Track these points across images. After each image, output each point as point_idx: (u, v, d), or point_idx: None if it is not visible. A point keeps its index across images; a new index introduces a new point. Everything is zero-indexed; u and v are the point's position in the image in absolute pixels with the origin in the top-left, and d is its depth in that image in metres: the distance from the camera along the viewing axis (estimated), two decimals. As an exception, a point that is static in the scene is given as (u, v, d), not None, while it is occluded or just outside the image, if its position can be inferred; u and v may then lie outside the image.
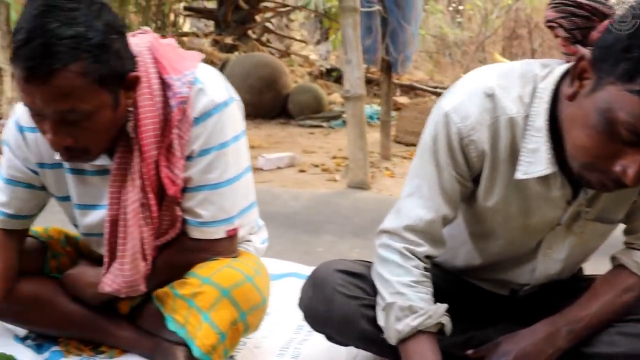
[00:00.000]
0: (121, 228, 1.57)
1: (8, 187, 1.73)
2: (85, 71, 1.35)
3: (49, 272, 1.86)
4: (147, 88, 1.52)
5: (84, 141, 1.45)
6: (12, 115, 1.73)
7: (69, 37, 1.32)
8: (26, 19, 1.33)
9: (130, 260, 1.57)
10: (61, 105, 1.37)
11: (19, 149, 1.68)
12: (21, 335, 1.92)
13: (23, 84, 1.36)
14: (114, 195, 1.58)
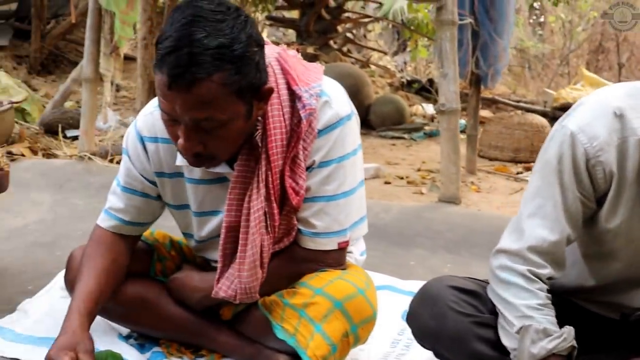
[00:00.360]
0: (242, 235, 1.59)
1: (124, 195, 1.78)
2: (226, 82, 1.38)
3: (155, 275, 1.91)
4: (277, 99, 1.55)
5: (213, 148, 1.49)
6: (132, 124, 1.78)
7: (214, 47, 1.35)
8: (174, 27, 1.37)
9: (249, 267, 1.58)
10: (199, 113, 1.40)
11: (137, 159, 1.73)
12: (124, 334, 1.99)
13: (165, 90, 1.39)
14: (233, 202, 1.60)
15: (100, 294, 1.67)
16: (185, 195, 1.75)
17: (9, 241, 2.82)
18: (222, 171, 1.63)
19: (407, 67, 11.85)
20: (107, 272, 1.71)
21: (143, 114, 1.73)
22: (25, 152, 4.23)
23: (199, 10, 1.38)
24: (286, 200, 1.59)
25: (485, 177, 4.67)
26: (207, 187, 1.70)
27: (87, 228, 3.05)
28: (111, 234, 1.78)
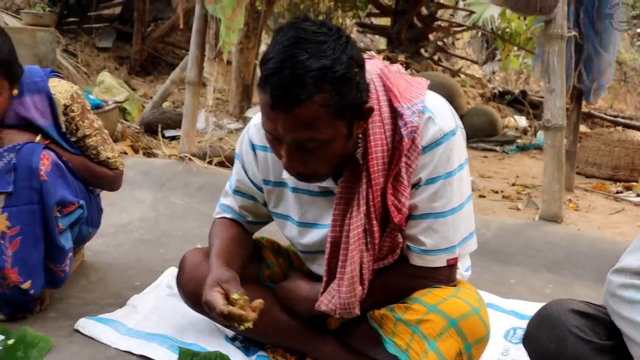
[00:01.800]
0: (342, 251, 1.60)
1: (235, 197, 1.88)
2: (327, 103, 1.39)
3: (263, 281, 1.95)
4: (378, 116, 1.55)
5: (314, 167, 1.51)
6: (244, 131, 1.84)
7: (316, 69, 1.36)
8: (277, 49, 1.39)
9: (348, 283, 1.59)
10: (301, 134, 1.42)
11: (249, 165, 1.81)
12: (230, 335, 2.03)
13: (268, 110, 1.42)
14: (337, 218, 1.61)
15: (233, 253, 1.77)
16: (287, 204, 1.79)
17: (115, 236, 2.93)
18: (327, 185, 1.65)
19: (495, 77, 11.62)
20: (233, 238, 1.83)
21: (254, 123, 1.78)
22: (127, 150, 4.39)
23: (302, 32, 1.40)
24: (389, 218, 1.58)
25: (583, 195, 4.52)
26: (310, 198, 1.73)
27: (187, 227, 3.17)
28: (229, 219, 1.90)
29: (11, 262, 1.94)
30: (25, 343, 1.93)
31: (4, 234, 1.92)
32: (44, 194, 1.94)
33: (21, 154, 1.93)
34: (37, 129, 2.04)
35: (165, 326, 2.07)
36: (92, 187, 2.27)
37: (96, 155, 2.18)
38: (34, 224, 1.96)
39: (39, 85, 2.04)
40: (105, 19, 8.50)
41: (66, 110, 2.07)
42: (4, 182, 1.91)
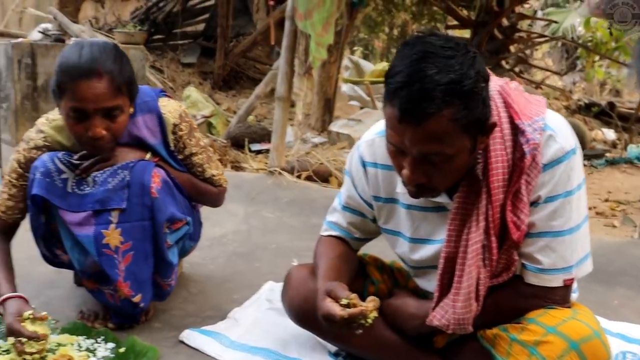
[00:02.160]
0: (458, 266, 1.59)
1: (344, 213, 1.90)
2: (455, 117, 1.39)
3: (367, 297, 1.95)
4: (499, 132, 1.54)
5: (436, 181, 1.51)
6: (354, 148, 1.85)
7: (445, 83, 1.37)
8: (405, 63, 1.41)
9: (464, 298, 1.58)
10: (428, 147, 1.43)
11: (359, 181, 1.82)
12: (332, 351, 2.03)
13: (395, 123, 1.43)
14: (452, 234, 1.61)
15: (340, 271, 1.78)
16: (398, 220, 1.79)
17: (211, 249, 2.99)
18: (442, 201, 1.65)
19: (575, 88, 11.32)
20: (339, 256, 1.84)
21: (365, 140, 1.80)
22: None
23: (429, 46, 1.41)
24: (506, 235, 1.57)
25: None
26: (423, 214, 1.72)
27: (280, 241, 3.21)
28: (335, 238, 1.92)
29: (123, 276, 2.01)
30: (135, 352, 1.99)
31: (117, 249, 1.99)
32: (155, 211, 2.00)
33: (134, 171, 2.00)
34: (147, 147, 2.11)
35: (268, 340, 2.10)
36: (196, 203, 2.32)
37: (202, 172, 2.24)
38: (145, 239, 2.02)
39: (150, 104, 2.11)
40: (189, 36, 8.75)
41: (175, 129, 2.12)
42: (119, 199, 1.98)
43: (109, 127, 1.91)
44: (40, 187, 1.98)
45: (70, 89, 1.86)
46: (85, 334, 2.09)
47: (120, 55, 1.94)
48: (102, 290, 2.11)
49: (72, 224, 1.98)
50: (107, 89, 1.86)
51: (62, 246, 2.14)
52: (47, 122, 2.11)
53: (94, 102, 1.86)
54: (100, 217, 1.98)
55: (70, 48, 1.91)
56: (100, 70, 1.85)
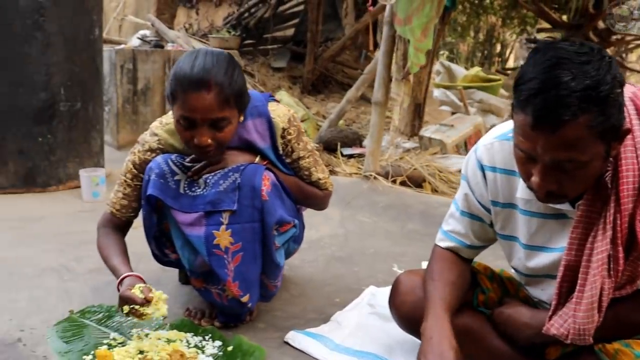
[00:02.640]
0: (581, 275, 1.54)
1: (463, 219, 1.86)
2: (591, 124, 1.35)
3: (477, 306, 1.91)
4: (630, 140, 1.49)
5: (566, 187, 1.47)
6: (471, 151, 1.82)
7: (580, 90, 1.33)
8: (538, 69, 1.38)
9: (586, 308, 1.52)
10: (561, 154, 1.39)
11: (476, 186, 1.78)
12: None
13: (528, 131, 1.40)
14: (574, 242, 1.55)
15: (457, 298, 1.78)
16: (515, 226, 1.75)
17: (309, 252, 3.02)
18: (563, 208, 1.60)
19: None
20: (455, 284, 1.81)
21: (483, 144, 1.76)
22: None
23: (563, 52, 1.38)
24: (634, 246, 1.50)
25: None
26: (541, 221, 1.68)
27: (378, 246, 3.21)
28: (451, 253, 1.88)
29: (232, 277, 2.05)
30: (242, 351, 2.03)
31: (227, 249, 2.03)
32: (265, 213, 2.03)
33: (245, 174, 2.04)
34: (257, 150, 2.14)
35: (373, 345, 2.09)
36: (301, 206, 2.35)
37: (308, 176, 2.26)
38: (254, 241, 2.05)
39: (260, 109, 2.14)
40: (279, 41, 8.88)
41: (284, 134, 2.15)
42: (230, 201, 2.02)
43: (215, 136, 1.95)
44: (155, 188, 2.05)
45: (180, 98, 1.91)
46: (193, 331, 2.15)
47: (232, 67, 1.96)
48: (209, 289, 2.16)
49: (184, 224, 2.04)
50: (215, 101, 1.89)
51: (172, 245, 2.21)
52: (160, 125, 2.18)
53: (201, 113, 1.90)
54: (211, 218, 2.02)
55: (186, 57, 1.96)
56: (210, 82, 1.88)
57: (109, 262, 2.14)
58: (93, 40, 4.32)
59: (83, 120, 4.27)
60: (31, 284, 2.54)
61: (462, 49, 17.95)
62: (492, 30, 16.41)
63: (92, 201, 3.93)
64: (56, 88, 4.08)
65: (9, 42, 3.92)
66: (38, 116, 4.05)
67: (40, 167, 4.12)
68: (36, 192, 4.10)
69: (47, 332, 2.12)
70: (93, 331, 2.15)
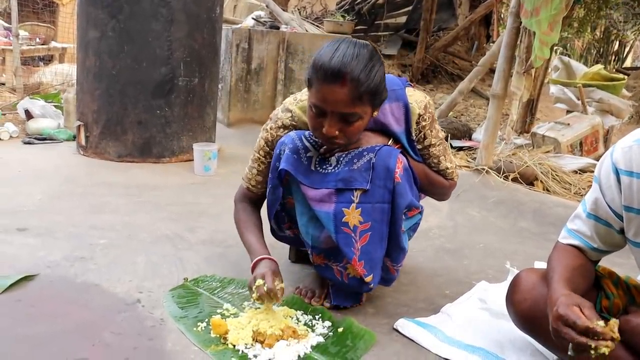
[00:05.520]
0: None
1: (588, 221, 1.80)
2: None
3: (600, 311, 1.82)
4: None
5: None
6: (607, 154, 1.73)
7: None
8: None
9: None
10: None
11: (608, 189, 1.71)
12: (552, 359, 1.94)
13: None
14: None
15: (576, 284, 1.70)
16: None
17: (418, 241, 2.98)
18: None
19: None
20: (578, 269, 1.75)
21: (621, 146, 1.68)
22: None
23: None
24: None
25: None
26: None
27: (487, 241, 3.13)
28: (574, 247, 1.83)
29: (358, 255, 2.04)
30: (353, 333, 2.03)
31: (356, 228, 2.02)
32: (396, 195, 2.01)
33: (380, 154, 2.02)
34: (390, 133, 2.12)
35: (484, 340, 2.04)
36: (425, 194, 2.31)
37: (437, 164, 2.22)
38: (382, 222, 2.03)
39: (397, 93, 2.11)
40: (391, 28, 8.80)
41: (419, 120, 2.11)
42: (363, 179, 2.00)
43: (343, 129, 1.93)
44: (288, 163, 2.06)
45: (315, 86, 1.90)
46: (303, 309, 2.16)
47: (373, 63, 1.91)
48: (330, 266, 2.16)
49: (313, 200, 2.04)
50: (346, 97, 1.86)
51: (290, 221, 2.23)
52: (294, 102, 2.19)
53: (332, 106, 1.88)
54: (342, 196, 2.02)
55: (328, 46, 1.93)
56: (345, 77, 1.84)
57: (245, 238, 2.19)
58: (214, 19, 4.42)
59: (199, 96, 4.39)
60: (148, 250, 2.64)
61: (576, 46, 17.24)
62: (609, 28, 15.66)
63: (203, 175, 4.04)
64: (176, 63, 4.21)
65: (137, 17, 4.07)
66: (157, 90, 4.20)
67: (156, 138, 4.27)
68: (151, 162, 4.26)
69: (164, 297, 2.19)
70: (206, 300, 2.20)
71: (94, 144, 4.30)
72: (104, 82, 4.18)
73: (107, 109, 4.22)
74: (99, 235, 2.76)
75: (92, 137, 4.29)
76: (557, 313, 1.52)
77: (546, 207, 3.55)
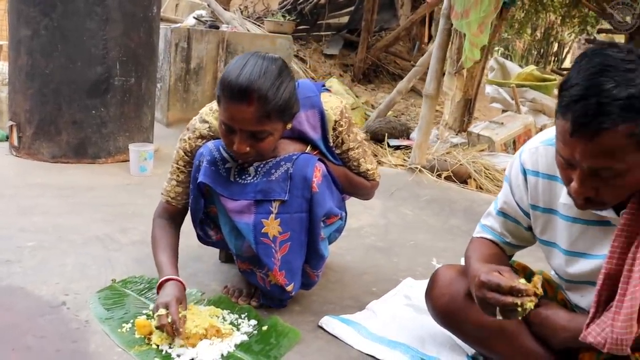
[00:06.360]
0: (622, 284, 1.51)
1: (498, 218, 1.88)
2: (632, 133, 1.33)
3: (513, 305, 1.90)
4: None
5: (605, 195, 1.45)
6: (516, 154, 1.81)
7: (623, 98, 1.31)
8: (582, 76, 1.36)
9: (625, 318, 1.49)
10: (598, 162, 1.38)
11: (517, 188, 1.79)
12: (471, 354, 2.01)
13: (567, 137, 1.39)
14: (615, 250, 1.53)
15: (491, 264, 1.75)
16: (555, 231, 1.73)
17: (349, 240, 3.03)
18: (607, 215, 1.58)
19: None
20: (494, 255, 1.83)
21: (528, 148, 1.76)
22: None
23: (609, 59, 1.35)
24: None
25: None
26: (583, 227, 1.65)
27: (419, 240, 3.20)
28: (487, 240, 1.90)
29: (279, 265, 2.06)
30: (277, 331, 2.06)
31: (275, 239, 2.04)
32: (314, 204, 2.03)
33: (297, 164, 2.03)
34: (307, 140, 2.14)
35: (407, 336, 2.10)
36: (347, 195, 2.36)
37: (357, 167, 2.26)
38: (301, 231, 2.06)
39: (313, 100, 2.13)
40: (333, 28, 8.86)
41: (335, 126, 2.14)
42: (281, 190, 2.02)
43: (254, 145, 1.94)
44: (206, 175, 2.06)
45: (223, 104, 1.90)
46: (229, 308, 2.18)
47: (281, 79, 1.91)
48: (254, 271, 2.18)
49: (233, 212, 2.05)
50: (254, 116, 1.86)
51: (216, 227, 2.24)
52: (210, 112, 2.19)
53: (240, 124, 1.89)
54: (261, 207, 2.03)
55: (236, 62, 1.91)
56: (252, 96, 1.84)
57: (156, 258, 2.14)
58: (151, 18, 4.39)
59: (136, 95, 4.35)
60: (78, 251, 2.62)
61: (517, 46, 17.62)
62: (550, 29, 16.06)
63: (139, 175, 4.01)
64: (112, 62, 4.17)
65: (71, 15, 4.02)
66: (93, 89, 4.15)
67: (92, 139, 4.22)
68: (86, 163, 4.20)
69: (90, 298, 2.18)
70: (133, 301, 2.20)
71: (27, 145, 4.22)
72: (37, 81, 4.11)
73: (40, 108, 4.15)
74: (27, 237, 2.72)
75: (25, 137, 4.21)
76: (479, 281, 1.56)
77: (477, 205, 3.64)
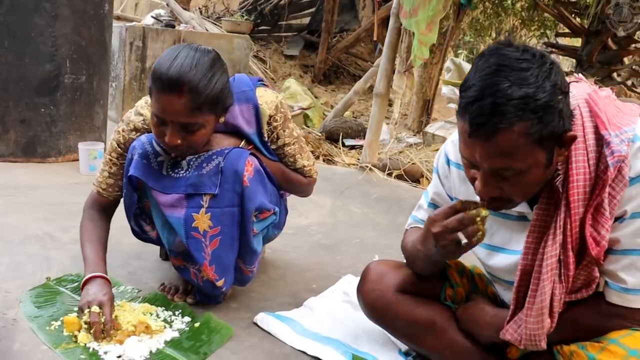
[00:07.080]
0: (533, 280, 1.53)
1: (429, 210, 1.88)
2: (527, 132, 1.34)
3: (444, 300, 1.90)
4: (582, 143, 1.46)
5: (510, 193, 1.47)
6: (443, 146, 1.83)
7: (518, 97, 1.32)
8: (478, 76, 1.37)
9: (536, 314, 1.51)
10: (498, 162, 1.39)
11: (445, 179, 1.81)
12: (403, 349, 2.01)
13: (466, 137, 1.40)
14: (529, 247, 1.55)
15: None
16: None
17: (295, 238, 3.02)
18: (522, 210, 1.60)
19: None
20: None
21: (452, 140, 1.78)
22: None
23: (504, 58, 1.36)
24: (586, 250, 1.48)
25: None
26: (502, 221, 1.68)
27: (365, 237, 3.21)
28: None
29: (209, 260, 2.04)
30: (210, 328, 2.04)
31: (206, 233, 2.02)
32: (245, 199, 2.01)
33: (228, 158, 2.02)
34: (242, 134, 2.13)
35: (340, 332, 2.10)
36: (284, 191, 2.35)
37: (293, 163, 2.25)
38: (232, 225, 2.04)
39: (247, 94, 2.12)
40: (294, 29, 8.87)
41: (270, 120, 2.13)
42: (211, 184, 2.00)
43: (186, 137, 1.92)
44: (137, 169, 2.04)
45: (154, 95, 1.88)
46: (164, 305, 2.16)
47: (213, 71, 1.89)
48: (187, 267, 2.16)
49: (164, 206, 2.03)
50: (185, 107, 1.85)
51: (151, 223, 2.21)
52: (146, 105, 2.16)
53: (171, 116, 1.87)
54: (191, 201, 2.01)
55: (167, 54, 1.90)
56: (182, 87, 1.82)
57: (83, 250, 2.11)
58: (102, 15, 4.33)
59: (87, 94, 4.29)
60: (14, 250, 2.57)
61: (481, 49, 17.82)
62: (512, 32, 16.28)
63: (89, 174, 3.96)
64: (61, 60, 4.11)
65: (18, 11, 3.95)
66: (42, 87, 4.08)
67: (41, 137, 4.15)
68: (35, 162, 4.13)
69: (21, 297, 2.14)
70: (66, 299, 2.16)
71: (-28, 143, 4.14)
72: (-17, 78, 4.03)
73: (-14, 106, 4.07)
74: (-37, 236, 2.66)
75: (-30, 136, 4.13)
76: (430, 219, 1.58)
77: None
